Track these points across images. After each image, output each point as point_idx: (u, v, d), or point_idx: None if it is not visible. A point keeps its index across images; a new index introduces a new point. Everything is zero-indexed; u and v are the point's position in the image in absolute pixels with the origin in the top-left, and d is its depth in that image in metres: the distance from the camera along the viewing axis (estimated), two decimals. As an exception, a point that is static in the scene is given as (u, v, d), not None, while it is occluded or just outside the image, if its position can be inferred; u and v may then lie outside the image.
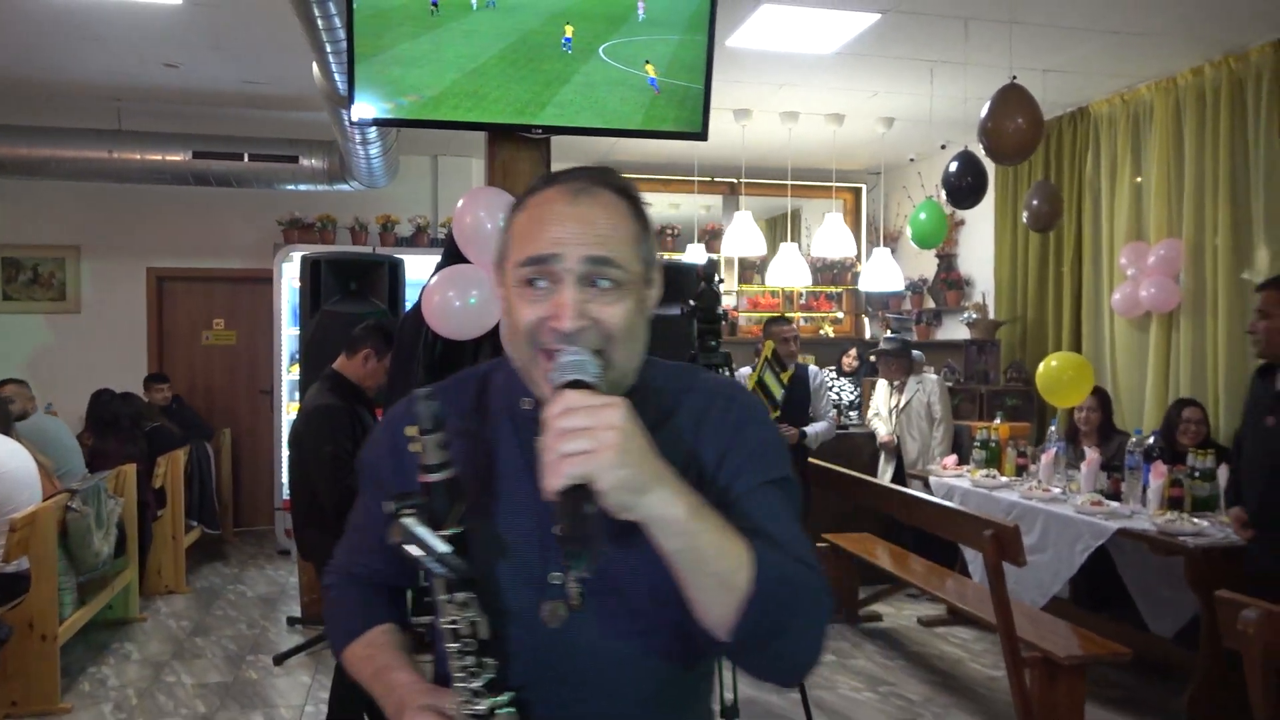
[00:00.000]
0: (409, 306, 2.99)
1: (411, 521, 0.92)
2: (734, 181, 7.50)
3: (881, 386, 5.81)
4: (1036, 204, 5.15)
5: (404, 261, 5.67)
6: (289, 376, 6.57)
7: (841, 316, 8.04)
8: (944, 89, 5.31)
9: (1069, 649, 3.40)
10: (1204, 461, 3.83)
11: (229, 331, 7.44)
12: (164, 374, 6.78)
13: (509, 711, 0.96)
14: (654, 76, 3.11)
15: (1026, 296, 6.27)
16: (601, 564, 0.94)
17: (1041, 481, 4.46)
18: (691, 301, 3.10)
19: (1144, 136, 5.40)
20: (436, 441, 0.94)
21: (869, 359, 6.51)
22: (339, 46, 3.64)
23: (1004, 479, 4.71)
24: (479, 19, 3.02)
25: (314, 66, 4.37)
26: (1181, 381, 5.06)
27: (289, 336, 6.58)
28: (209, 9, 4.32)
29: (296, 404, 5.73)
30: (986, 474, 4.74)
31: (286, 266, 6.53)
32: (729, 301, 7.77)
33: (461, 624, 0.95)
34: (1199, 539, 3.49)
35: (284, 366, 6.64)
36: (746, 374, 4.37)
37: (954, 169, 4.96)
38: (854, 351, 7.12)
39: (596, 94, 3.13)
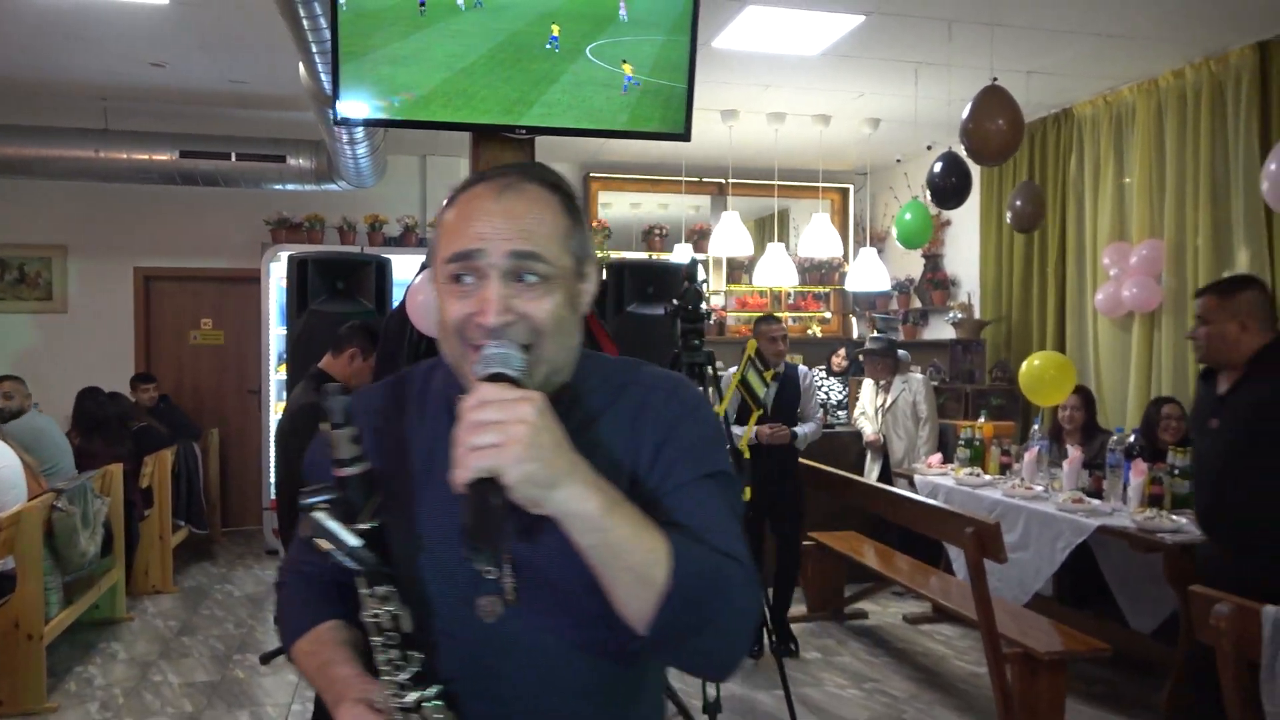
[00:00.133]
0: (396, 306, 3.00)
1: (322, 515, 0.92)
2: (722, 182, 7.52)
3: (868, 386, 5.83)
4: (1020, 204, 5.20)
5: (391, 261, 5.66)
6: (277, 376, 6.57)
7: (829, 316, 8.07)
8: (928, 90, 5.35)
9: (1049, 645, 3.43)
10: (1183, 459, 3.86)
11: (217, 331, 7.44)
12: (150, 374, 6.76)
13: (436, 704, 0.95)
14: (630, 76, 3.14)
15: (1011, 296, 6.31)
16: (538, 559, 0.94)
17: (1024, 480, 4.49)
18: (675, 301, 3.12)
19: (1126, 138, 5.45)
20: (348, 435, 0.93)
21: (857, 358, 6.54)
22: (324, 47, 3.65)
23: (987, 477, 4.75)
24: (466, 19, 3.05)
25: (300, 67, 4.38)
26: (1163, 380, 5.11)
27: (277, 336, 6.57)
28: (195, 8, 4.32)
29: (284, 403, 5.73)
30: (970, 472, 4.78)
31: (274, 266, 6.52)
32: (717, 301, 7.80)
33: (383, 617, 0.95)
34: (1177, 536, 3.52)
35: (272, 366, 6.63)
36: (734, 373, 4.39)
37: (938, 169, 5.00)
38: (843, 351, 7.16)
39: (583, 93, 3.16)
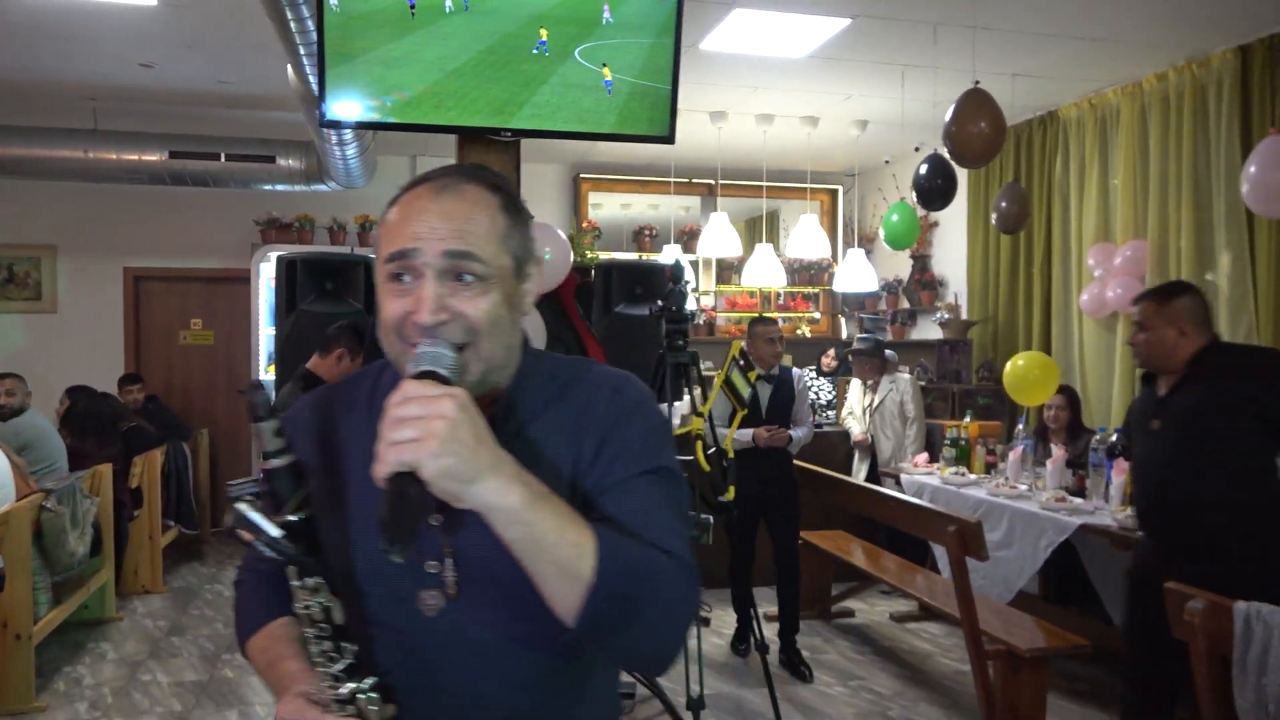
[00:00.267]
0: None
1: (245, 506, 0.93)
2: (711, 183, 7.55)
3: (855, 386, 5.86)
4: (1005, 206, 5.24)
5: (380, 261, 5.66)
6: (267, 377, 6.56)
7: (818, 317, 8.11)
8: (915, 92, 5.39)
9: (1031, 642, 3.47)
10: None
11: (206, 331, 7.44)
12: (138, 374, 6.76)
13: (371, 696, 0.96)
14: (610, 79, 3.16)
15: (998, 297, 6.36)
16: (480, 552, 0.96)
17: (1009, 479, 4.53)
18: (659, 302, 3.15)
19: (1110, 140, 5.50)
20: (271, 429, 0.95)
21: (847, 358, 6.57)
22: (311, 50, 3.67)
23: (973, 476, 4.78)
24: (456, 22, 3.08)
25: (289, 69, 4.39)
26: (1147, 380, 5.15)
27: (267, 337, 6.57)
28: (184, 9, 4.33)
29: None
30: (956, 471, 4.81)
31: (264, 266, 6.51)
32: (707, 302, 7.83)
33: (314, 608, 0.96)
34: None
35: (262, 367, 6.63)
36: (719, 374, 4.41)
37: (924, 171, 5.04)
38: (833, 351, 7.20)
39: (572, 95, 3.18)
